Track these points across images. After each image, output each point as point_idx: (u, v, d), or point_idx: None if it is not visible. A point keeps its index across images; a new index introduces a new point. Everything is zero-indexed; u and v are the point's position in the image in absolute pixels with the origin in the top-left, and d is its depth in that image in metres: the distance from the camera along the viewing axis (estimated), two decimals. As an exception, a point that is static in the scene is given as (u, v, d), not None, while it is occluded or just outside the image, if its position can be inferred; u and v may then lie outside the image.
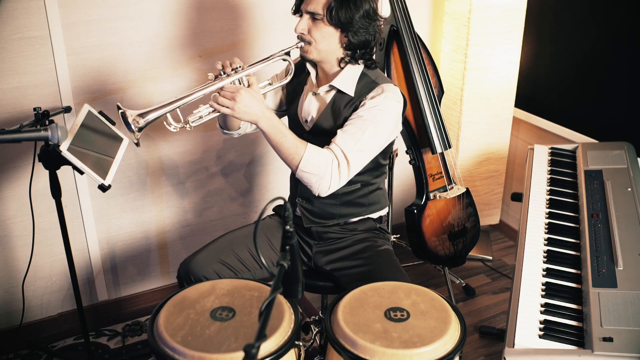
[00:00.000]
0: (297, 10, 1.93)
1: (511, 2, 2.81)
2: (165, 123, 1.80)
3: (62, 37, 2.27)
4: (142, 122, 1.73)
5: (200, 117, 1.83)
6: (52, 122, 1.86)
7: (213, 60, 2.57)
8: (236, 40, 2.60)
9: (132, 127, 1.72)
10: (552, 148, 2.48)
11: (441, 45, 3.04)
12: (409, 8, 2.54)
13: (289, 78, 1.96)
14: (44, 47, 2.26)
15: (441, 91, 2.69)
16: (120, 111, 1.73)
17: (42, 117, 2.00)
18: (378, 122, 1.86)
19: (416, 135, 2.62)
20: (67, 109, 2.27)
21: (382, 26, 1.94)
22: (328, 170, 1.82)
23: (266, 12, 2.62)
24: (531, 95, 3.05)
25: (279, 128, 1.80)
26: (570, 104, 2.86)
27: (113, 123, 2.23)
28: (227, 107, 1.75)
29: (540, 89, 3.01)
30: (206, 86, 1.79)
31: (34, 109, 1.98)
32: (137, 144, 1.77)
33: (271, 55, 1.91)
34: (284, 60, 1.93)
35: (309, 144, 1.82)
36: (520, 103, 3.09)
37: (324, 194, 1.86)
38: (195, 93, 1.78)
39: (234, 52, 2.60)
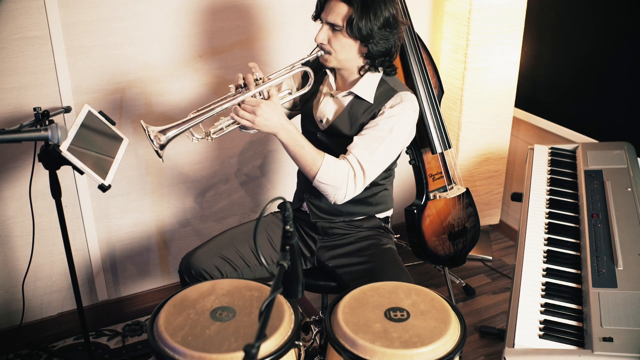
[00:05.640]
0: (318, 17, 1.94)
1: (511, 2, 2.81)
2: (186, 134, 1.86)
3: (62, 37, 2.27)
4: (163, 139, 1.81)
5: (222, 129, 1.90)
6: (52, 122, 1.86)
7: (213, 59, 2.57)
8: (237, 40, 2.59)
9: (155, 143, 1.80)
10: (552, 148, 2.48)
11: (441, 45, 3.04)
12: (409, 8, 2.54)
13: (307, 88, 1.98)
14: (44, 47, 2.26)
15: (441, 91, 2.69)
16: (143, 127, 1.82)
17: (42, 117, 2.00)
18: (395, 133, 1.89)
19: (416, 135, 2.61)
20: (67, 109, 2.27)
21: (404, 31, 1.97)
22: (344, 181, 1.86)
23: (267, 12, 2.62)
24: (531, 95, 3.05)
25: (298, 140, 1.84)
26: (570, 104, 2.86)
27: (113, 123, 2.23)
28: (248, 120, 1.81)
29: (540, 89, 3.01)
30: (227, 100, 1.85)
31: (34, 109, 1.98)
32: (161, 158, 1.84)
33: (291, 65, 1.94)
34: (302, 69, 1.95)
35: (326, 155, 1.85)
36: (520, 103, 3.09)
37: (339, 202, 1.90)
38: (216, 108, 1.84)
39: (235, 52, 2.60)
